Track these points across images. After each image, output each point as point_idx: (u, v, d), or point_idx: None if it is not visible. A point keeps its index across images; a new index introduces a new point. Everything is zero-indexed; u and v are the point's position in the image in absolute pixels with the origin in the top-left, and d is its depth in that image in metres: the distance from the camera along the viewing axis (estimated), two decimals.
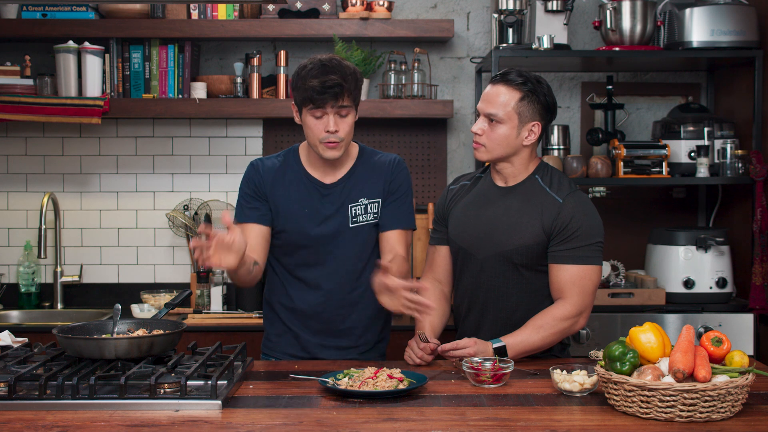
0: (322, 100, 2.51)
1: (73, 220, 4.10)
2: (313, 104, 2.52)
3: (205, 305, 3.88)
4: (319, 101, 2.51)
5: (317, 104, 2.52)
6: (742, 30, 3.70)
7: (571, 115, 4.19)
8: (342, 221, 2.67)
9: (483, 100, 2.61)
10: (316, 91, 2.50)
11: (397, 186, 2.72)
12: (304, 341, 2.72)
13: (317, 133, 2.56)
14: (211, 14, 3.91)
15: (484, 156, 2.62)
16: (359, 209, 2.68)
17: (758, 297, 3.60)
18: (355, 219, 2.68)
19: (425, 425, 1.97)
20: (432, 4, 4.14)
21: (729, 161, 3.76)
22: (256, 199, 2.68)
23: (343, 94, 2.53)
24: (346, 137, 2.59)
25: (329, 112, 2.54)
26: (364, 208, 2.69)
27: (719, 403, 1.97)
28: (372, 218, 2.70)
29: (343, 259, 2.69)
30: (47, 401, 2.10)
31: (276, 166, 2.72)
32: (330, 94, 2.51)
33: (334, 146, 2.57)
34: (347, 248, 2.68)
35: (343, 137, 2.57)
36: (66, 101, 3.80)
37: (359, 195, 2.68)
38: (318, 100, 2.51)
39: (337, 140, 2.56)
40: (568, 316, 2.55)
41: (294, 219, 2.66)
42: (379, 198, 2.70)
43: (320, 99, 2.51)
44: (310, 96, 2.51)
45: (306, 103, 2.54)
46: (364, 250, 2.71)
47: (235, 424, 1.98)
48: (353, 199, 2.68)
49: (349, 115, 2.58)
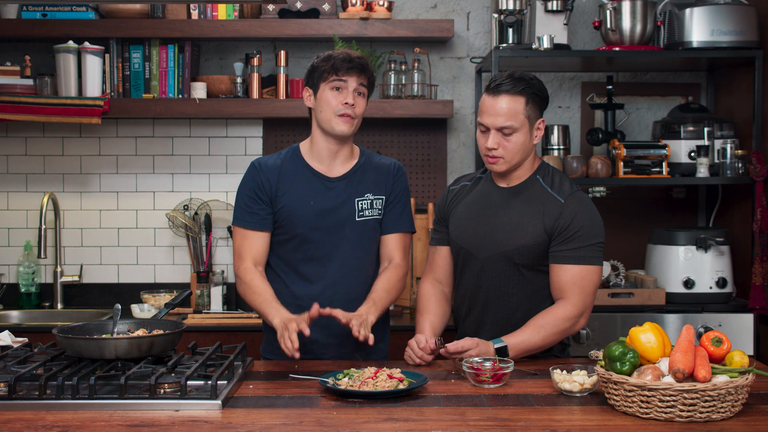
0: (348, 68, 2.62)
1: (73, 220, 4.10)
2: (337, 73, 2.62)
3: (205, 305, 3.88)
4: (345, 69, 2.62)
5: (342, 73, 2.62)
6: (742, 30, 3.70)
7: (571, 115, 4.19)
8: (349, 214, 2.70)
9: (489, 114, 2.57)
10: (345, 61, 2.63)
11: (398, 190, 2.77)
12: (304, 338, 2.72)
13: (334, 105, 2.64)
14: (211, 14, 3.91)
15: (503, 167, 2.61)
16: (366, 203, 2.71)
17: (758, 297, 3.60)
18: (362, 213, 2.71)
19: (425, 425, 1.97)
20: (432, 4, 4.14)
21: (729, 161, 3.76)
22: (257, 201, 2.69)
23: (366, 72, 2.66)
24: (359, 116, 2.67)
25: (350, 85, 2.64)
26: (371, 203, 2.72)
27: (719, 403, 1.97)
28: (377, 214, 2.74)
29: (349, 253, 2.70)
30: (47, 401, 2.10)
31: (278, 164, 2.74)
32: (356, 64, 2.63)
33: (348, 120, 2.65)
34: (353, 242, 2.70)
35: (357, 113, 2.66)
36: (66, 101, 3.80)
37: (365, 190, 2.73)
38: (344, 68, 2.62)
39: (352, 114, 2.64)
40: (569, 316, 2.56)
41: (300, 212, 2.67)
42: (383, 195, 2.75)
43: (347, 67, 2.62)
44: (337, 65, 2.63)
45: (330, 74, 2.63)
46: (370, 245, 2.74)
47: (235, 424, 1.98)
48: (360, 194, 2.72)
49: (364, 97, 2.69)
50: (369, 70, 2.68)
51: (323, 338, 2.70)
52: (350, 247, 2.70)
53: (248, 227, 2.70)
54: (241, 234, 2.72)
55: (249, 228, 2.70)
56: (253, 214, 2.69)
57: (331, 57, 2.65)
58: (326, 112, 2.65)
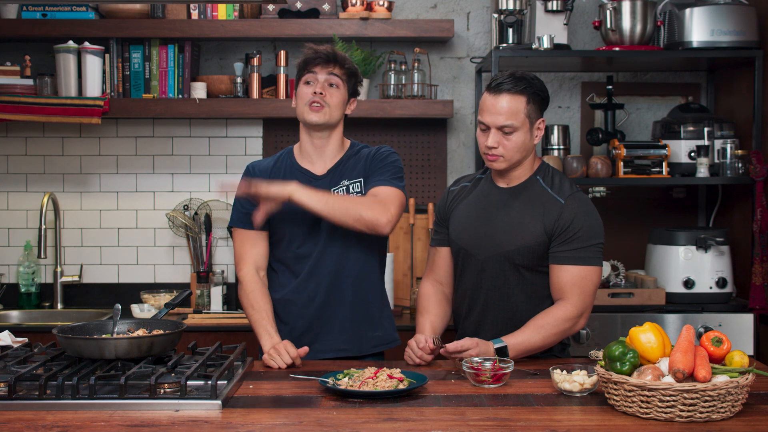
0: (314, 61, 2.68)
1: (73, 220, 4.10)
2: (306, 67, 2.69)
3: (205, 305, 3.88)
4: (312, 62, 2.68)
5: (311, 66, 2.68)
6: (742, 30, 3.70)
7: (571, 115, 4.19)
8: None
9: (489, 112, 2.57)
10: (311, 55, 2.69)
11: (379, 159, 2.73)
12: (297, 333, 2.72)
13: (304, 97, 2.68)
14: (211, 14, 3.91)
15: (503, 166, 2.61)
16: (341, 191, 2.70)
17: (758, 297, 3.60)
18: None
19: (425, 425, 1.97)
20: (432, 4, 4.14)
21: (729, 161, 3.76)
22: (251, 202, 2.69)
23: (334, 62, 2.68)
24: (332, 106, 2.67)
25: (320, 76, 2.67)
26: (346, 189, 2.71)
27: (719, 403, 1.97)
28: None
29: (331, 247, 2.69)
30: (47, 401, 2.10)
31: (270, 166, 2.78)
32: (322, 55, 2.67)
33: (318, 109, 2.66)
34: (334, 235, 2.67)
35: (328, 102, 2.66)
36: (66, 101, 3.80)
37: (342, 178, 2.72)
38: (311, 62, 2.68)
39: (321, 103, 2.66)
40: (569, 316, 2.56)
41: (285, 211, 2.67)
42: (360, 178, 2.72)
43: (313, 60, 2.68)
44: (306, 61, 2.70)
45: (302, 72, 2.70)
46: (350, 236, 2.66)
47: (235, 424, 1.98)
48: (335, 183, 2.71)
49: (339, 88, 2.69)
50: (340, 60, 2.69)
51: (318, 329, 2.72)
52: (331, 240, 2.68)
53: (246, 227, 2.72)
54: (240, 235, 2.75)
55: (247, 228, 2.72)
56: (249, 215, 2.69)
57: (303, 56, 2.71)
58: (300, 106, 2.70)
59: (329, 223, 2.63)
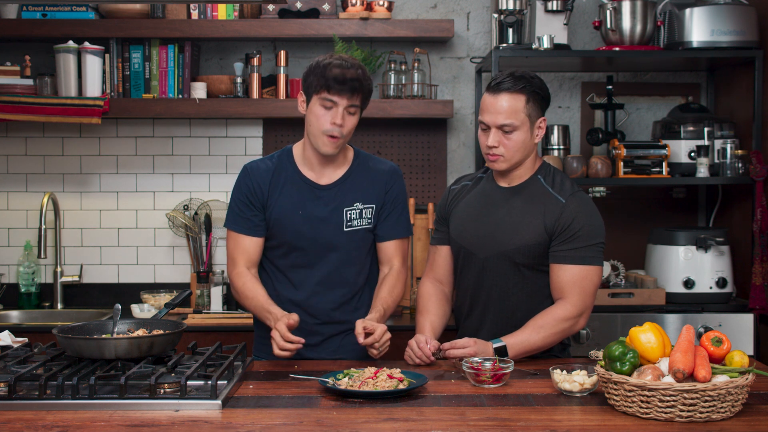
0: (340, 90, 2.53)
1: (73, 220, 4.10)
2: (329, 92, 2.54)
3: (205, 305, 3.88)
4: (337, 90, 2.53)
5: (333, 92, 2.53)
6: (742, 30, 3.70)
7: (571, 115, 4.19)
8: (337, 225, 2.66)
9: (489, 112, 2.57)
10: (337, 80, 2.53)
11: (394, 196, 2.73)
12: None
13: (323, 123, 2.57)
14: (211, 14, 3.91)
15: (504, 166, 2.61)
16: (354, 213, 2.68)
17: (758, 297, 3.60)
18: (350, 223, 2.67)
19: (425, 425, 1.97)
20: (432, 4, 4.14)
21: (729, 161, 3.76)
22: (249, 207, 2.68)
23: (360, 92, 2.57)
24: (347, 136, 2.61)
25: (341, 104, 2.55)
26: (359, 213, 2.68)
27: (719, 403, 1.97)
28: (366, 223, 2.70)
29: (336, 262, 2.68)
30: (47, 401, 2.10)
31: (271, 169, 2.71)
32: (349, 86, 2.54)
33: (335, 141, 2.59)
34: (340, 252, 2.68)
35: (345, 134, 2.59)
36: (66, 101, 3.80)
37: (355, 199, 2.68)
38: (336, 88, 2.53)
39: (339, 135, 2.58)
40: (569, 316, 2.56)
41: (289, 221, 2.66)
42: (374, 204, 2.70)
43: (338, 88, 2.53)
44: (329, 83, 2.53)
45: (321, 90, 2.55)
46: (358, 254, 2.71)
47: (235, 424, 1.98)
48: (348, 203, 2.68)
49: (356, 115, 2.61)
50: (364, 88, 2.58)
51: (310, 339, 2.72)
52: (337, 256, 2.68)
53: (241, 232, 2.70)
54: (234, 238, 2.71)
55: (242, 233, 2.69)
56: (247, 220, 2.68)
57: (326, 71, 2.54)
58: (314, 128, 2.59)
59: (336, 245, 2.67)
